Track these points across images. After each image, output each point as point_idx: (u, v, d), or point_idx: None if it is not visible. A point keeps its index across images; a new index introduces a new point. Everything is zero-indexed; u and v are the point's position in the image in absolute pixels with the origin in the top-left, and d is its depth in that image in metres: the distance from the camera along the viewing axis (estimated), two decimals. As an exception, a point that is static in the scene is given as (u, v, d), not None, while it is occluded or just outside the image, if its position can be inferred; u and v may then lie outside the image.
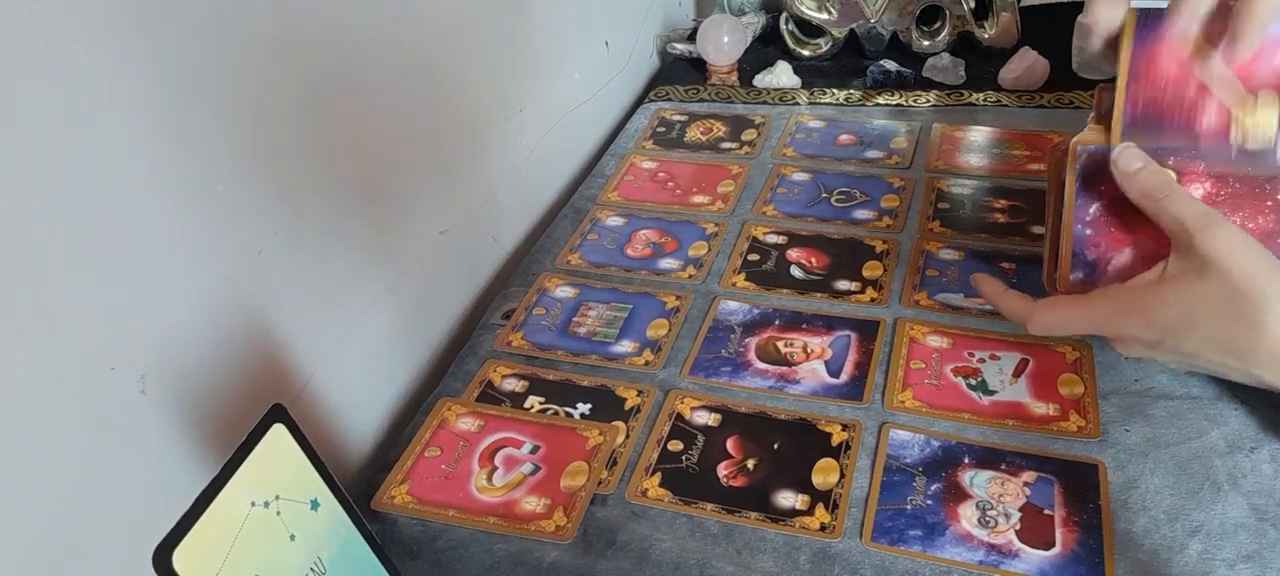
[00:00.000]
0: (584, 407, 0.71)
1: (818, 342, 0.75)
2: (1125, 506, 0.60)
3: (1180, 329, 0.54)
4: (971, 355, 0.72)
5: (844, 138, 1.04)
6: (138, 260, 0.51)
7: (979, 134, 1.03)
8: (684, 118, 1.11)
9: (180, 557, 0.41)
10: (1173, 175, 0.57)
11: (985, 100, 1.10)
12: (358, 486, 0.67)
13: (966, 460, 0.64)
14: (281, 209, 0.62)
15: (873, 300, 0.79)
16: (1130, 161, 0.57)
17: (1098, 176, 0.59)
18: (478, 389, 0.73)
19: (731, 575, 0.58)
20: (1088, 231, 0.60)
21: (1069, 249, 0.60)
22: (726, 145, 1.05)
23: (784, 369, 0.73)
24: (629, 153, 1.05)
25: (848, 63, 1.22)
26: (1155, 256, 0.57)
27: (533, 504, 0.63)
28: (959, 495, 0.62)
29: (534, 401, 0.72)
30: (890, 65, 1.16)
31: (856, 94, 1.14)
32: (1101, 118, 0.61)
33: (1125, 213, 0.58)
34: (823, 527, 0.60)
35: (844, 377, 0.72)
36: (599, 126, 1.14)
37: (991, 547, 0.58)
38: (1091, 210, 0.60)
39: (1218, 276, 0.52)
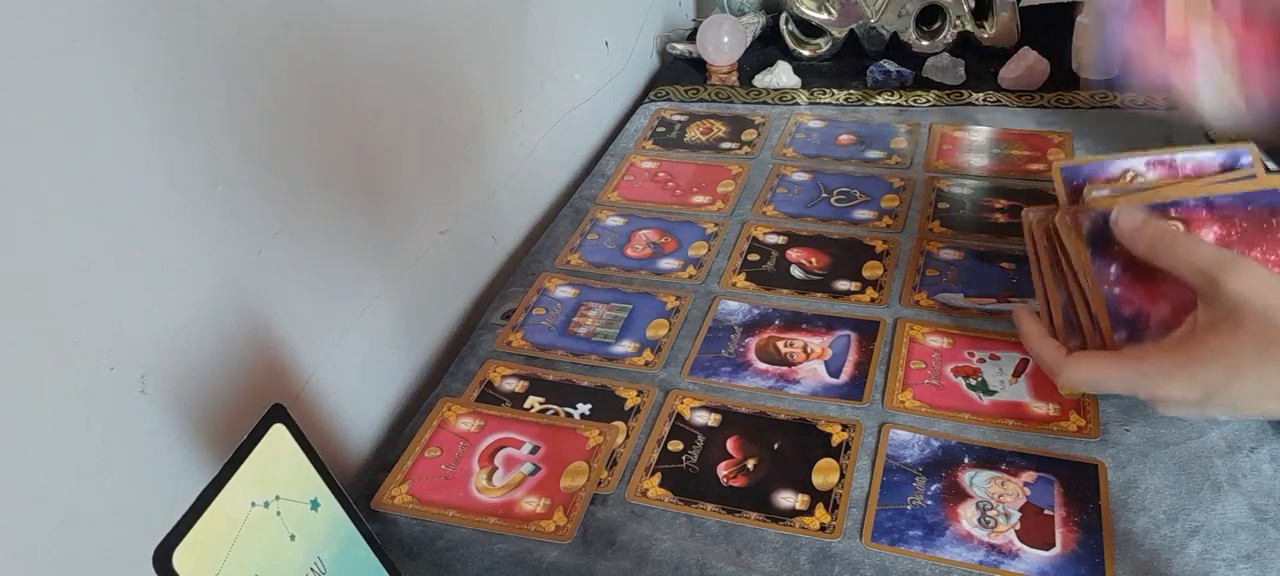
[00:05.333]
0: (584, 407, 0.71)
1: (818, 342, 0.75)
2: (1125, 506, 0.60)
3: (1225, 382, 0.51)
4: (971, 355, 0.72)
5: (844, 138, 1.04)
6: (138, 260, 0.51)
7: (979, 134, 1.03)
8: (684, 118, 1.11)
9: (180, 557, 0.41)
10: (1177, 224, 0.55)
11: (985, 100, 1.10)
12: (358, 486, 0.67)
13: (966, 460, 0.64)
14: (281, 209, 0.62)
15: (873, 300, 0.79)
16: (1130, 220, 0.55)
17: (1107, 238, 0.57)
18: (478, 389, 0.73)
19: (731, 575, 0.58)
20: (1117, 290, 0.57)
21: (1104, 312, 0.57)
22: (726, 145, 1.05)
23: (784, 369, 0.73)
24: (629, 153, 1.05)
25: (848, 63, 1.22)
26: (1191, 303, 0.54)
27: (533, 504, 0.63)
28: (959, 495, 0.62)
29: (534, 401, 0.72)
30: (890, 65, 1.16)
31: (856, 94, 1.14)
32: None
33: (1144, 264, 0.56)
34: (823, 527, 0.60)
35: (844, 377, 0.72)
36: (599, 126, 1.14)
37: (991, 547, 0.58)
38: (1112, 270, 0.57)
39: (1254, 319, 0.49)
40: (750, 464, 0.65)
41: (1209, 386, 0.51)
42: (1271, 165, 0.60)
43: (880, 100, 1.12)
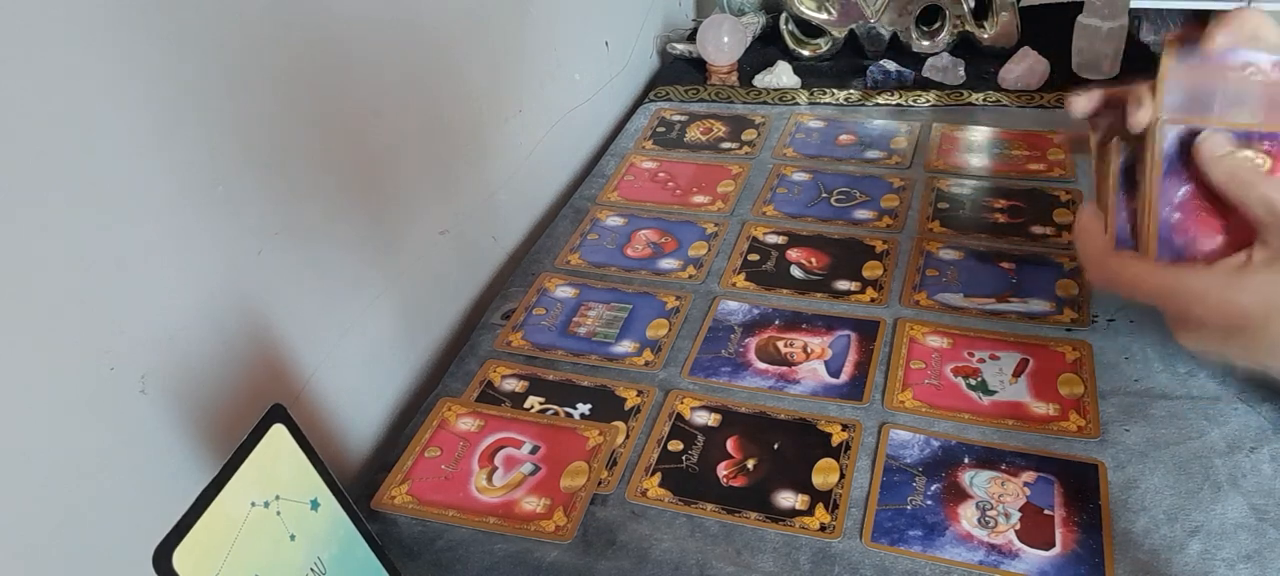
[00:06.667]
0: (584, 407, 0.71)
1: (818, 342, 0.75)
2: (1125, 506, 0.60)
3: (1259, 322, 0.50)
4: (971, 355, 0.72)
5: (844, 138, 1.04)
6: (138, 260, 0.51)
7: (979, 134, 1.03)
8: (684, 118, 1.11)
9: (180, 557, 0.41)
10: (1264, 160, 0.53)
11: (985, 100, 1.10)
12: (358, 486, 0.67)
13: (966, 460, 0.64)
14: (282, 209, 0.62)
15: (873, 300, 0.79)
16: (1217, 146, 0.53)
17: (1185, 157, 0.55)
18: (478, 389, 0.73)
19: (731, 575, 0.58)
20: (1176, 216, 0.56)
21: (1155, 232, 0.56)
22: (726, 145, 1.05)
23: (784, 369, 0.73)
24: (629, 153, 1.05)
25: (848, 63, 1.22)
26: (1248, 244, 0.53)
27: (533, 504, 0.63)
28: (959, 495, 0.62)
29: (534, 401, 0.72)
30: (890, 65, 1.16)
31: (856, 94, 1.14)
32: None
33: (1216, 197, 0.54)
34: (823, 527, 0.60)
35: (844, 377, 0.72)
36: (599, 126, 1.14)
37: (991, 547, 0.58)
38: (1179, 194, 0.55)
39: None
40: (750, 464, 0.65)
41: (1241, 319, 0.50)
42: None
43: (880, 100, 1.12)
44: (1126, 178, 0.59)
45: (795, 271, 0.84)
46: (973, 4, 1.18)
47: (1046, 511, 0.60)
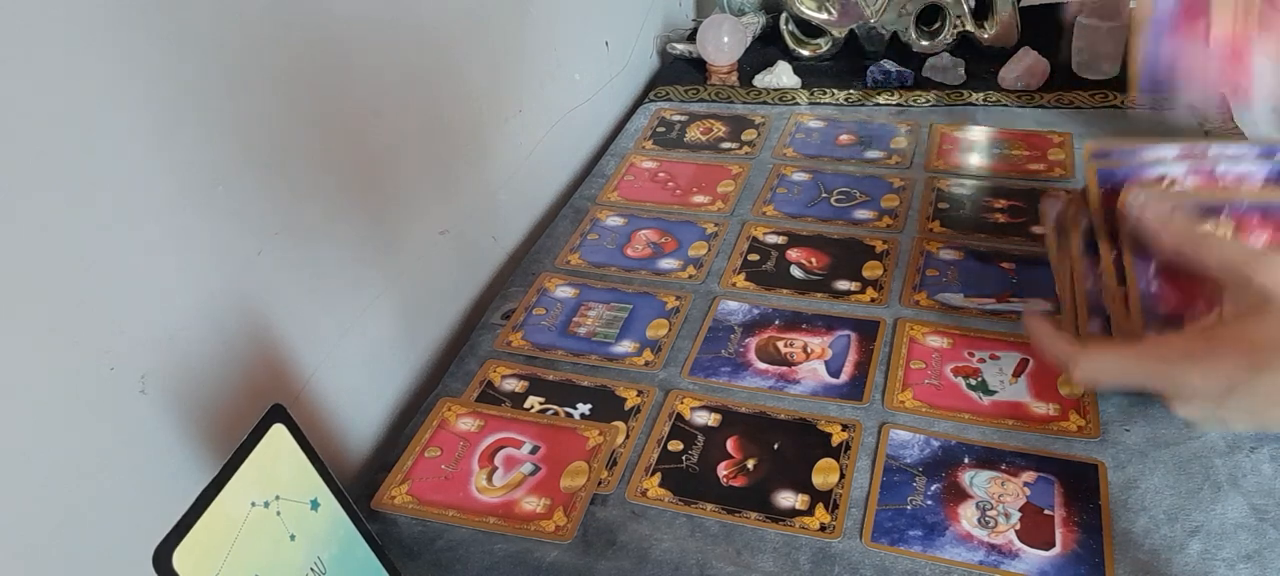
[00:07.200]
0: (584, 407, 0.71)
1: (818, 342, 0.75)
2: (1125, 506, 0.60)
3: (1248, 373, 0.48)
4: (971, 355, 0.72)
5: (844, 138, 1.04)
6: (138, 260, 0.51)
7: (979, 134, 1.03)
8: (684, 118, 1.11)
9: (180, 557, 0.41)
10: (1227, 229, 0.53)
11: (985, 100, 1.10)
12: (358, 486, 0.67)
13: (966, 460, 0.64)
14: (282, 209, 0.62)
15: (873, 300, 0.79)
16: (1158, 213, 0.53)
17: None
18: (478, 389, 0.73)
19: (731, 575, 0.58)
20: (1153, 288, 0.55)
21: (1138, 307, 0.55)
22: (726, 145, 1.05)
23: (784, 369, 0.73)
24: (629, 153, 1.05)
25: (848, 63, 1.22)
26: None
27: (533, 504, 0.63)
28: (959, 495, 0.62)
29: (534, 401, 0.72)
30: (890, 65, 1.16)
31: (856, 94, 1.14)
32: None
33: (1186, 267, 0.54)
34: (823, 527, 0.60)
35: (844, 377, 0.72)
36: (599, 126, 1.14)
37: (991, 547, 0.58)
38: (1151, 269, 0.55)
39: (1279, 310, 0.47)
40: (750, 464, 0.65)
41: (1231, 376, 0.49)
42: None
43: (880, 100, 1.12)
44: (1088, 243, 0.59)
45: (795, 271, 0.84)
46: (973, 4, 1.18)
47: (1046, 511, 0.60)
